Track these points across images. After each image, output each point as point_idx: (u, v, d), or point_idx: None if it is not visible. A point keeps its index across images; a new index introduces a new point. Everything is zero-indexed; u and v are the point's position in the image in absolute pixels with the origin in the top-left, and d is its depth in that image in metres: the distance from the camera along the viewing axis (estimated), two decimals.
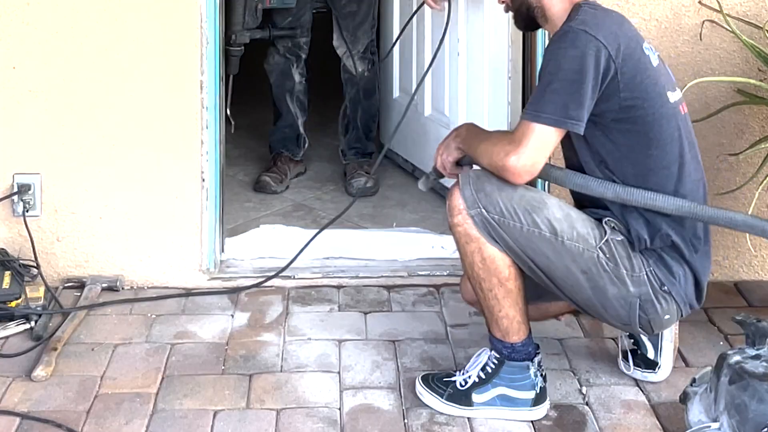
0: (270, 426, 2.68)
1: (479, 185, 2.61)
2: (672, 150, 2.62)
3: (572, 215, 2.63)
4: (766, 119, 3.43)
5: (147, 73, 3.34)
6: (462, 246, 2.66)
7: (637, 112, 2.58)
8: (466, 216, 2.62)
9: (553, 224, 2.59)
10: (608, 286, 2.62)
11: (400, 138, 4.49)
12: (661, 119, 2.60)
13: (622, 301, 2.63)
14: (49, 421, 2.68)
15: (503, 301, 2.66)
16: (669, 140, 2.61)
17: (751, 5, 3.36)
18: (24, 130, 3.35)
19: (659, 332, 2.80)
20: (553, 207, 2.62)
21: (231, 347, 3.08)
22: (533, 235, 2.59)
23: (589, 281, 2.62)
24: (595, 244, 2.61)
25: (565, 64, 2.51)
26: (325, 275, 3.51)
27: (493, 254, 2.63)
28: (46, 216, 3.39)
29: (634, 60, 2.56)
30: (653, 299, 2.63)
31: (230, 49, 4.07)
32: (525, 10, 2.72)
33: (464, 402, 2.72)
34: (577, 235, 2.60)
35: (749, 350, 2.40)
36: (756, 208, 3.35)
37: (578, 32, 2.52)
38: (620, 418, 2.73)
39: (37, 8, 3.29)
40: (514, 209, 2.59)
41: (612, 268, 2.61)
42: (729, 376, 2.34)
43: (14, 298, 3.17)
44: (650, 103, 2.58)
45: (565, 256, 2.60)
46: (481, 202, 2.59)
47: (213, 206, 3.45)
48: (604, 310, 2.67)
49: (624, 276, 2.62)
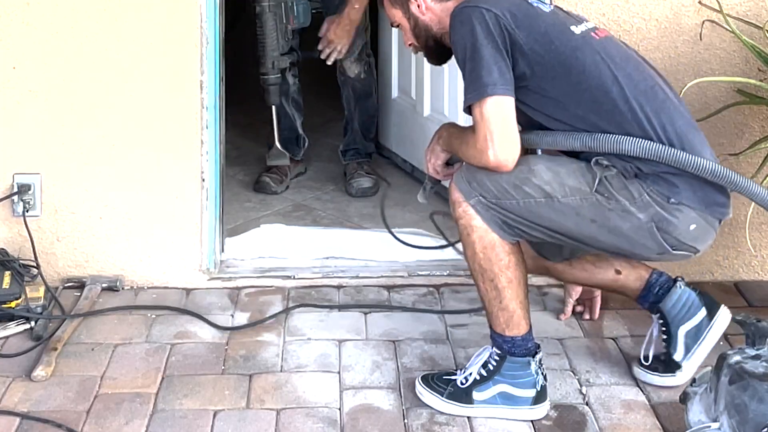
0: (270, 426, 2.68)
1: (470, 175, 2.65)
2: (601, 74, 2.63)
3: (561, 171, 2.64)
4: (766, 119, 3.43)
5: (147, 73, 3.34)
6: (464, 238, 2.69)
7: (549, 56, 2.62)
8: (467, 207, 2.65)
9: (543, 188, 2.62)
10: (620, 223, 2.62)
11: (399, 138, 4.50)
12: (575, 52, 2.64)
13: (641, 231, 2.63)
14: (49, 421, 2.68)
15: (504, 291, 2.67)
16: (593, 66, 2.64)
17: (751, 5, 3.36)
18: (24, 130, 3.35)
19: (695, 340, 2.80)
20: (540, 172, 2.64)
21: (231, 347, 3.08)
22: (531, 205, 2.62)
23: (601, 227, 2.63)
24: (589, 191, 2.62)
25: (462, 43, 2.62)
26: (325, 275, 3.51)
27: (493, 241, 2.65)
28: (46, 216, 3.39)
29: (522, 12, 2.64)
30: (666, 216, 2.61)
31: (268, 78, 4.03)
32: (433, 43, 2.83)
33: (465, 400, 2.72)
34: (570, 189, 2.62)
35: (749, 350, 2.40)
36: (756, 208, 3.35)
37: (460, 11, 2.64)
38: (620, 418, 2.73)
39: (37, 8, 3.28)
40: (504, 188, 2.62)
41: (614, 205, 2.61)
42: (729, 376, 2.34)
43: (14, 298, 3.16)
44: (557, 42, 2.63)
45: (568, 213, 2.63)
46: (476, 191, 2.64)
47: (213, 206, 3.45)
48: (632, 248, 2.68)
49: (628, 207, 2.61)
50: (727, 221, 3.46)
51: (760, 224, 3.49)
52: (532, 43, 2.62)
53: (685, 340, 2.82)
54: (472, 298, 3.37)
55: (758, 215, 3.46)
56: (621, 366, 2.99)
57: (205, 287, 3.45)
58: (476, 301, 3.31)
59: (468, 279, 3.43)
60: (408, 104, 4.42)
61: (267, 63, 4.01)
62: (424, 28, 2.81)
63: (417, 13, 2.80)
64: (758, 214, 3.46)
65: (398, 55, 4.50)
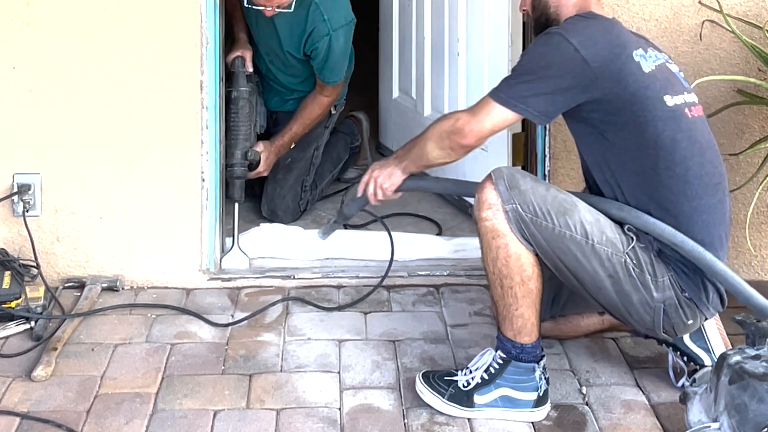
0: (270, 426, 2.68)
1: (513, 182, 2.63)
2: (673, 151, 2.62)
3: (601, 220, 2.65)
4: (766, 119, 3.43)
5: (147, 73, 3.34)
6: (487, 240, 2.66)
7: (626, 114, 2.61)
8: (498, 210, 2.63)
9: (585, 227, 2.62)
10: (633, 291, 2.65)
11: (399, 138, 4.50)
12: (656, 121, 2.61)
13: (647, 306, 2.66)
14: (49, 421, 2.67)
15: (522, 300, 2.66)
16: (669, 142, 2.62)
17: (751, 5, 3.37)
18: (24, 130, 3.35)
19: (703, 339, 2.81)
20: (583, 210, 2.64)
21: (231, 347, 3.08)
22: (564, 236, 2.62)
23: (615, 285, 2.65)
24: (622, 250, 2.64)
25: (533, 58, 2.66)
26: (325, 275, 3.51)
27: (519, 252, 2.64)
28: (46, 216, 3.39)
29: (618, 65, 2.60)
30: (677, 304, 2.66)
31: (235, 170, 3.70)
32: (544, 20, 2.81)
33: (466, 403, 2.71)
34: (606, 239, 2.63)
35: (749, 350, 2.40)
36: (756, 208, 3.36)
37: (553, 34, 2.65)
38: (620, 418, 2.73)
39: (37, 8, 3.29)
40: (548, 209, 2.61)
41: (638, 273, 2.64)
42: (729, 376, 2.34)
43: (14, 298, 3.16)
44: (640, 106, 2.61)
45: (593, 259, 2.63)
46: (516, 199, 2.62)
47: (213, 206, 3.45)
48: (629, 314, 2.69)
49: (649, 282, 2.64)
50: None
51: (760, 224, 3.49)
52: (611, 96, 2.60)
53: (696, 345, 2.83)
54: (472, 298, 3.37)
55: (758, 215, 3.46)
56: (621, 366, 2.98)
57: (205, 287, 3.45)
58: (477, 300, 3.32)
59: (468, 279, 3.44)
60: (409, 104, 4.43)
61: (237, 153, 3.72)
62: (544, 4, 2.80)
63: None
64: (758, 214, 3.46)
65: (398, 55, 4.51)
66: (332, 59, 3.85)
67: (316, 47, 3.82)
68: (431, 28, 4.19)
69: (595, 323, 3.01)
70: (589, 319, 3.01)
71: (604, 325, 3.01)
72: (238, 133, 3.75)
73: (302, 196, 3.99)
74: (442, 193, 3.24)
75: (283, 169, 3.99)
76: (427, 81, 4.23)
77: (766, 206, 3.47)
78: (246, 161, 3.76)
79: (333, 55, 3.84)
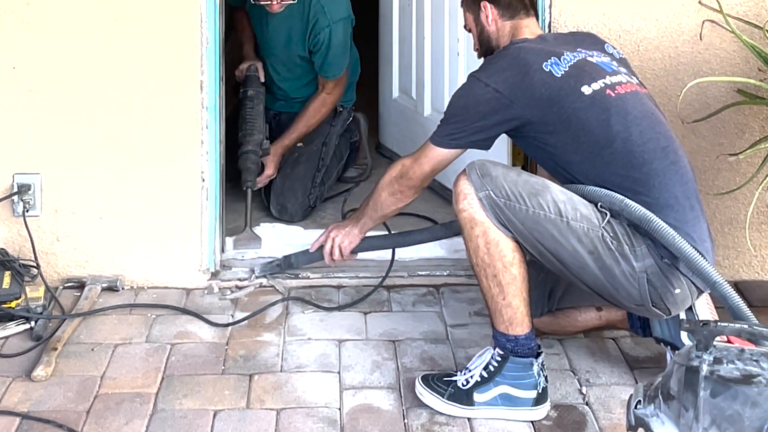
0: (270, 426, 2.68)
1: (484, 170, 2.69)
2: (606, 130, 2.69)
3: (574, 198, 2.69)
4: (766, 119, 3.43)
5: (147, 73, 3.34)
6: (467, 231, 2.70)
7: (550, 118, 2.73)
8: (474, 199, 2.67)
9: (558, 205, 2.66)
10: (614, 264, 2.66)
11: (399, 138, 4.50)
12: (578, 112, 2.72)
13: (631, 278, 2.66)
14: (49, 421, 2.68)
15: (507, 287, 2.67)
16: (596, 124, 2.70)
17: (751, 5, 3.36)
18: (24, 130, 3.35)
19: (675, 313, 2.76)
20: (555, 190, 2.69)
21: (231, 347, 3.08)
22: (539, 217, 2.65)
23: (596, 261, 2.66)
24: (598, 224, 2.66)
25: (454, 102, 2.87)
26: (325, 275, 3.51)
27: (498, 237, 2.67)
28: (46, 216, 3.39)
29: (528, 82, 2.74)
30: (659, 271, 2.65)
31: (250, 156, 3.90)
32: (491, 52, 2.98)
33: (465, 401, 2.72)
34: (581, 215, 2.66)
35: (706, 355, 2.28)
36: (756, 208, 3.35)
37: (468, 78, 2.86)
38: (620, 418, 2.72)
39: (37, 8, 3.29)
40: (519, 192, 2.65)
41: (616, 246, 2.65)
42: (710, 390, 2.23)
43: (14, 298, 3.16)
44: (559, 106, 2.73)
45: (570, 236, 2.65)
46: (488, 185, 2.67)
47: (213, 206, 3.45)
48: (616, 291, 2.69)
49: (627, 252, 2.65)
50: (727, 221, 3.48)
51: (760, 224, 3.49)
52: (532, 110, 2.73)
53: None
54: (472, 298, 3.37)
55: (758, 215, 3.46)
56: (621, 366, 2.99)
57: (205, 287, 3.45)
58: (477, 300, 3.32)
59: (468, 279, 3.44)
60: (408, 104, 4.43)
61: (253, 140, 3.94)
62: (487, 38, 3.00)
63: (484, 23, 2.99)
64: (758, 214, 3.46)
65: (398, 55, 4.51)
66: (332, 52, 4.05)
67: (317, 40, 4.03)
68: (431, 28, 4.19)
69: (593, 319, 3.02)
70: (587, 314, 3.01)
71: (602, 321, 3.02)
72: (254, 125, 3.99)
73: (312, 191, 4.04)
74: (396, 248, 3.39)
75: (291, 164, 4.10)
76: (427, 81, 4.23)
77: (766, 206, 3.47)
78: (260, 150, 3.95)
79: (333, 48, 4.04)
